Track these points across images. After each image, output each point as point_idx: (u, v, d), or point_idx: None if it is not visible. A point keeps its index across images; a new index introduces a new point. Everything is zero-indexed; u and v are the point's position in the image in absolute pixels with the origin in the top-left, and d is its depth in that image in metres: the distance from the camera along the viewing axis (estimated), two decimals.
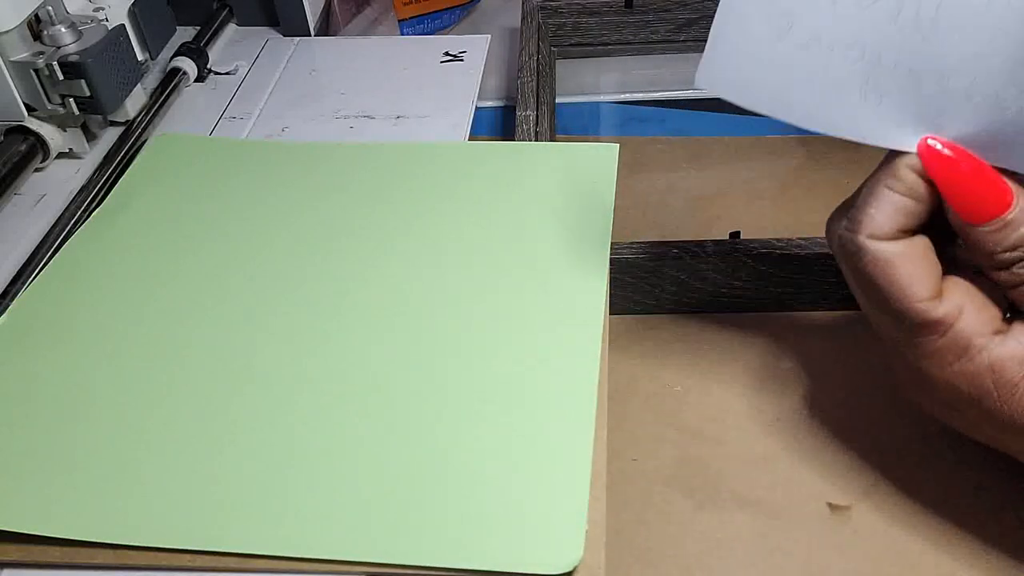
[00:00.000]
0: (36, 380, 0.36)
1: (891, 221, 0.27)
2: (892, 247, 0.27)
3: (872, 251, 0.27)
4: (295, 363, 0.36)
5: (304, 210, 0.44)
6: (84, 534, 0.30)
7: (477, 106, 0.53)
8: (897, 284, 0.27)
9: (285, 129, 0.52)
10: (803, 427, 0.38)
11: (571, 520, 0.29)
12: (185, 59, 0.57)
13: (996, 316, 0.28)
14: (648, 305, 0.43)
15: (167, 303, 0.39)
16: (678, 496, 0.36)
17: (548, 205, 0.42)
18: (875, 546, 0.34)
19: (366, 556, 0.29)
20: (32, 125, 0.48)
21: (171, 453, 0.32)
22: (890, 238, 0.27)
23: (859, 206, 0.27)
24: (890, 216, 0.27)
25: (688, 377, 0.41)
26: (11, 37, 0.45)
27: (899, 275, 0.27)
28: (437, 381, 0.34)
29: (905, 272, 0.27)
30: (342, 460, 0.32)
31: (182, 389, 0.35)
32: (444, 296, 0.38)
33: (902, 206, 0.27)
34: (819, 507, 0.35)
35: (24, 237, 0.45)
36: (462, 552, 0.29)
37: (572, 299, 0.37)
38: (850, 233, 0.28)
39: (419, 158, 0.47)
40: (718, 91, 0.27)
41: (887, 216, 0.27)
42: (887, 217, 0.27)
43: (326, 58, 0.59)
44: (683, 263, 0.41)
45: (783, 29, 0.26)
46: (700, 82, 0.27)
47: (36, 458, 0.33)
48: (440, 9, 0.68)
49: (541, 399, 0.33)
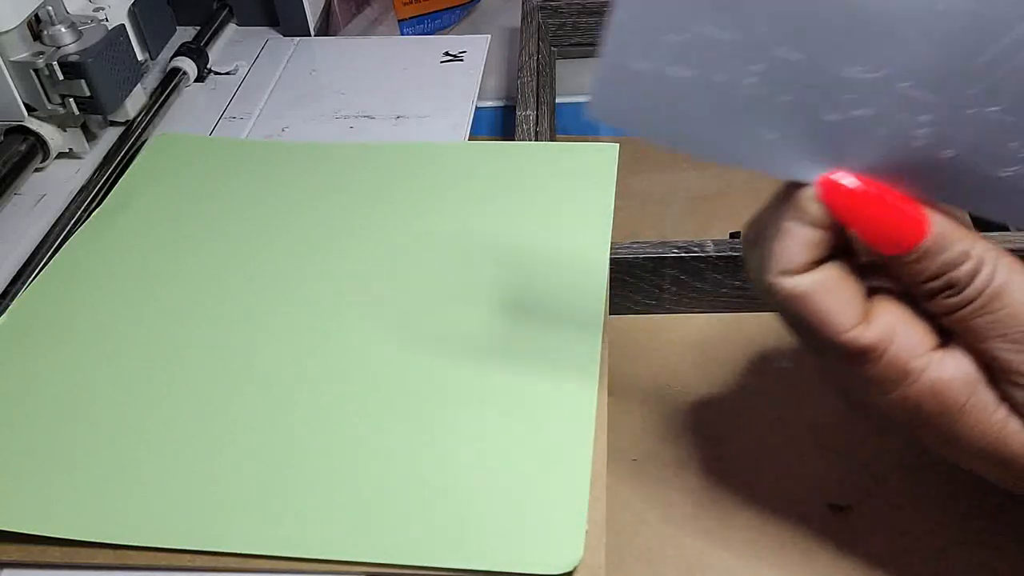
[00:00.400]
0: (36, 380, 0.36)
1: (800, 255, 0.25)
2: (806, 281, 0.25)
3: (787, 289, 0.25)
4: (295, 363, 0.36)
5: (304, 210, 0.44)
6: (84, 534, 0.30)
7: (477, 106, 0.53)
8: (819, 317, 0.25)
9: (285, 129, 0.52)
10: (803, 427, 0.38)
11: (571, 520, 0.29)
12: (185, 59, 0.57)
13: (932, 331, 0.26)
14: (648, 305, 0.43)
15: (167, 303, 0.39)
16: (678, 496, 0.36)
17: (548, 205, 0.42)
18: (875, 546, 0.34)
19: (366, 556, 0.29)
20: (32, 125, 0.48)
21: (171, 453, 0.32)
22: (803, 271, 0.25)
23: (766, 244, 0.26)
24: (799, 250, 0.25)
25: (688, 377, 0.41)
26: (11, 37, 0.45)
27: (819, 308, 0.25)
28: (437, 381, 0.34)
29: (825, 304, 0.25)
30: (342, 460, 0.32)
31: (182, 389, 0.35)
32: (444, 296, 0.38)
33: (810, 238, 0.25)
34: (819, 507, 0.35)
35: (24, 237, 0.45)
36: (462, 552, 0.29)
37: (572, 299, 0.37)
38: (761, 273, 0.26)
39: (419, 158, 0.47)
40: (612, 122, 0.26)
41: (796, 251, 0.25)
42: (796, 252, 0.25)
43: (326, 58, 0.59)
44: (683, 263, 0.41)
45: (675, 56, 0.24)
46: (593, 114, 0.26)
47: (36, 458, 0.33)
48: (440, 9, 0.68)
49: (541, 399, 0.33)
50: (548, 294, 0.37)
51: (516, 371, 0.34)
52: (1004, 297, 0.24)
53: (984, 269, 0.24)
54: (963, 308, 0.25)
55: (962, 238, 0.24)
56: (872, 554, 0.34)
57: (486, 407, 0.33)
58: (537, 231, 0.41)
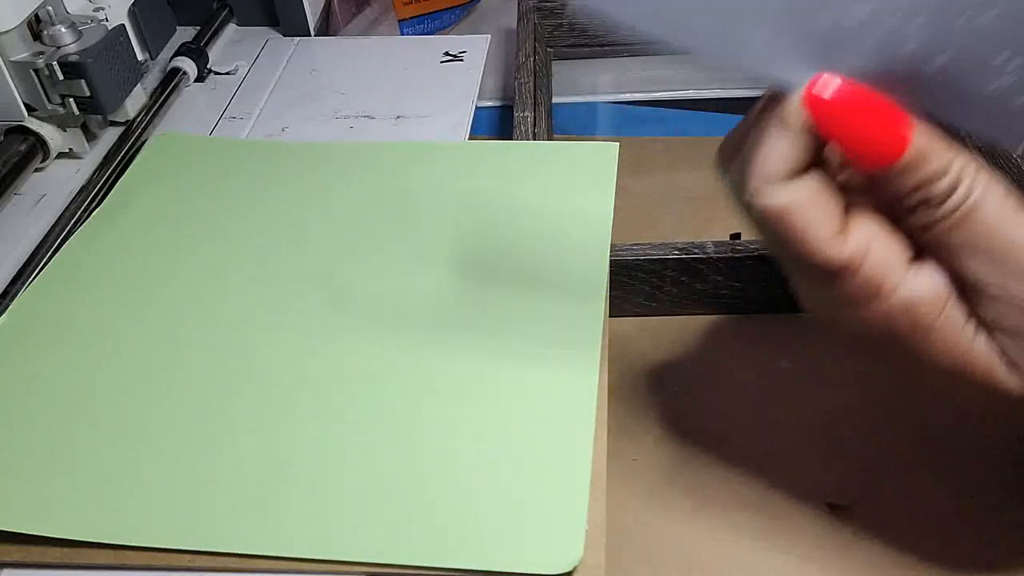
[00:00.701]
0: (36, 380, 0.36)
1: (782, 163, 0.25)
2: (786, 194, 0.25)
3: (767, 203, 0.25)
4: (294, 363, 0.36)
5: (304, 210, 0.44)
6: (84, 534, 0.30)
7: (477, 106, 0.53)
8: (798, 231, 0.25)
9: (285, 129, 0.52)
10: (803, 427, 0.38)
11: (571, 520, 0.29)
12: (185, 59, 0.57)
13: (906, 247, 0.26)
14: (649, 307, 0.43)
15: (167, 303, 0.39)
16: (678, 496, 0.36)
17: (548, 205, 0.42)
18: (875, 546, 0.34)
19: (366, 556, 0.29)
20: (32, 125, 0.48)
21: (171, 453, 0.32)
22: (783, 179, 0.25)
23: (747, 155, 0.25)
24: (780, 158, 0.25)
25: (688, 377, 0.41)
26: (11, 37, 0.45)
27: (798, 222, 0.25)
28: (436, 381, 0.34)
29: (803, 218, 0.25)
30: (342, 460, 0.32)
31: (182, 389, 0.35)
32: (444, 296, 0.38)
33: (792, 146, 0.25)
34: (819, 507, 0.35)
35: (24, 237, 0.45)
36: (462, 552, 0.29)
37: (572, 299, 0.37)
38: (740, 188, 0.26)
39: (419, 158, 0.47)
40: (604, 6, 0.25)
41: (777, 159, 0.25)
42: (777, 160, 0.25)
43: (326, 58, 0.59)
44: (684, 264, 0.41)
45: None
46: None
47: (36, 458, 0.33)
48: (440, 9, 0.68)
49: (541, 400, 0.33)
50: (548, 294, 0.37)
51: (516, 371, 0.34)
52: (979, 213, 0.24)
53: (962, 185, 0.24)
54: (939, 224, 0.25)
55: (943, 152, 0.24)
56: (872, 554, 0.34)
57: (486, 407, 0.33)
58: (537, 231, 0.41)
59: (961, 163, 0.24)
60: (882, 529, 0.34)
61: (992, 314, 0.25)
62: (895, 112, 0.24)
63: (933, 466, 0.36)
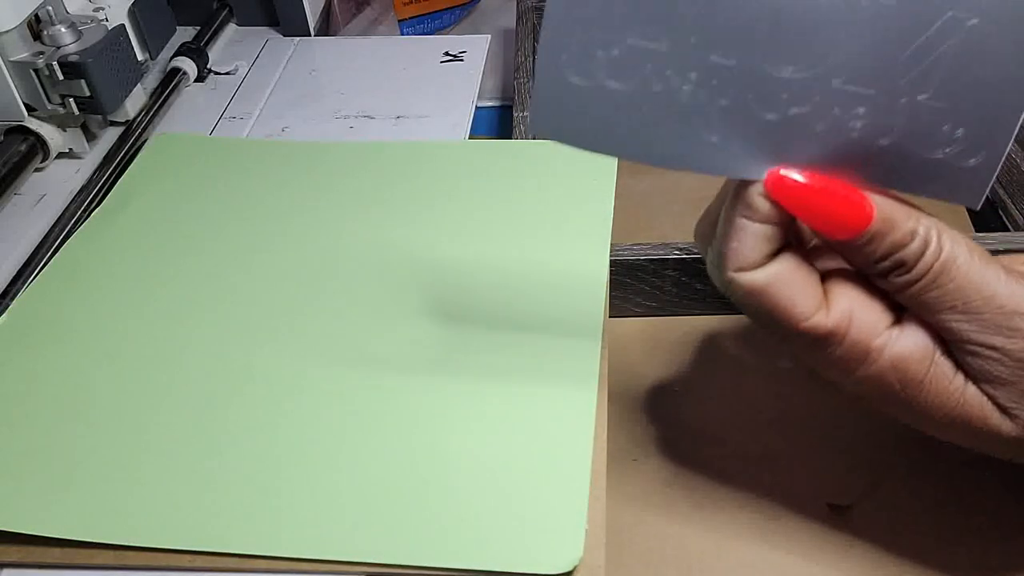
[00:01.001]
0: (36, 380, 0.36)
1: (755, 251, 0.26)
2: (762, 275, 0.26)
3: (744, 284, 0.26)
4: (294, 363, 0.36)
5: (304, 210, 0.44)
6: (84, 534, 0.30)
7: (476, 106, 0.53)
8: (779, 308, 0.26)
9: (285, 129, 0.52)
10: (803, 427, 0.38)
11: (571, 520, 0.29)
12: (185, 59, 0.57)
13: (887, 308, 0.27)
14: (649, 307, 0.43)
15: (167, 303, 0.39)
16: (678, 496, 0.36)
17: (548, 205, 0.42)
18: (875, 546, 0.34)
19: (365, 556, 0.29)
20: (32, 125, 0.48)
21: (170, 453, 0.32)
22: (758, 266, 0.26)
23: (721, 242, 0.26)
24: (753, 246, 0.26)
25: (688, 377, 0.41)
26: (11, 37, 0.45)
27: (778, 300, 0.26)
28: (437, 381, 0.34)
29: (783, 295, 0.26)
30: (341, 460, 0.32)
31: (182, 389, 0.35)
32: (443, 297, 0.38)
33: (763, 234, 0.26)
34: (819, 507, 0.35)
35: (24, 237, 0.45)
36: (462, 552, 0.29)
37: (572, 299, 0.37)
38: (718, 271, 0.27)
39: (419, 157, 0.47)
40: (555, 138, 0.25)
41: (750, 248, 0.26)
42: (750, 249, 0.26)
43: (326, 58, 0.59)
44: (684, 264, 0.41)
45: (610, 70, 0.24)
46: (533, 130, 0.25)
47: (36, 458, 0.33)
48: (440, 9, 0.68)
49: (541, 400, 0.33)
50: (548, 295, 0.37)
51: (515, 372, 0.34)
52: (951, 271, 0.25)
53: (930, 246, 0.25)
54: (914, 285, 0.26)
55: (906, 218, 0.25)
56: (872, 554, 0.34)
57: (485, 408, 0.33)
58: (537, 231, 0.41)
59: (926, 225, 0.25)
60: (882, 529, 0.34)
61: (975, 365, 0.26)
62: (854, 189, 0.25)
63: (933, 466, 0.36)
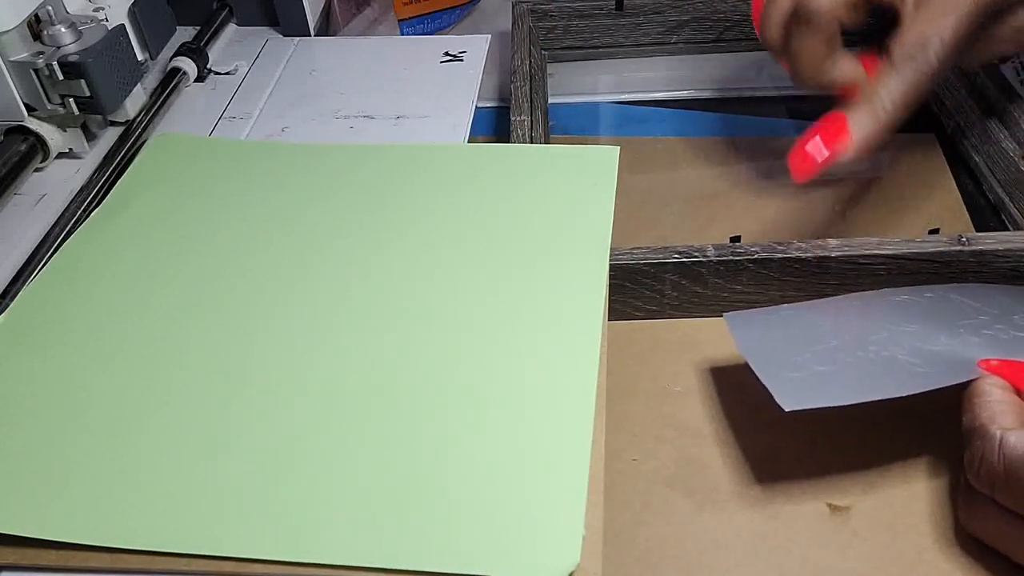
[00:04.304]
0: (35, 380, 0.36)
1: (1011, 417, 0.31)
2: None
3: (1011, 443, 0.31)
4: (293, 365, 0.36)
5: (304, 211, 0.44)
6: (80, 537, 0.30)
7: (477, 106, 0.53)
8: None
9: (285, 129, 0.52)
10: (803, 427, 0.38)
11: (568, 525, 0.29)
12: (185, 59, 0.57)
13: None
14: (649, 311, 0.43)
15: (166, 303, 0.39)
16: (678, 496, 0.36)
17: (548, 208, 0.42)
18: (875, 546, 0.34)
19: (362, 561, 0.29)
20: (32, 125, 0.48)
21: (168, 456, 0.32)
22: (1019, 426, 0.31)
23: (982, 430, 0.32)
24: (1011, 415, 0.31)
25: (688, 377, 0.41)
26: (11, 37, 0.45)
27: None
28: (435, 384, 0.34)
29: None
30: (339, 464, 0.32)
31: (181, 391, 0.35)
32: (443, 298, 0.38)
33: (1010, 402, 0.32)
34: (819, 507, 0.35)
35: (24, 237, 0.45)
36: (457, 557, 0.28)
37: (571, 301, 0.37)
38: (983, 445, 0.31)
39: (419, 159, 0.46)
40: (804, 406, 0.32)
41: (1010, 416, 0.31)
42: (1010, 417, 0.31)
43: (326, 58, 0.59)
44: (683, 268, 0.41)
45: (811, 361, 0.34)
46: (789, 406, 0.31)
47: (33, 460, 0.32)
48: (440, 9, 0.68)
49: (539, 404, 0.33)
50: (547, 297, 0.37)
51: (513, 376, 0.34)
52: None
53: None
54: None
55: None
56: (872, 554, 0.33)
57: (484, 410, 0.33)
58: (537, 234, 0.41)
59: None
60: (882, 529, 0.34)
61: None
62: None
63: (933, 466, 0.36)
